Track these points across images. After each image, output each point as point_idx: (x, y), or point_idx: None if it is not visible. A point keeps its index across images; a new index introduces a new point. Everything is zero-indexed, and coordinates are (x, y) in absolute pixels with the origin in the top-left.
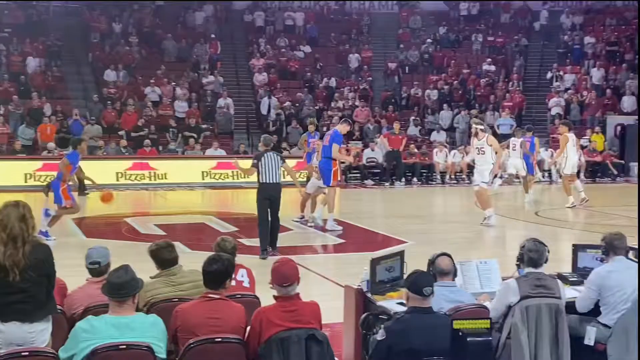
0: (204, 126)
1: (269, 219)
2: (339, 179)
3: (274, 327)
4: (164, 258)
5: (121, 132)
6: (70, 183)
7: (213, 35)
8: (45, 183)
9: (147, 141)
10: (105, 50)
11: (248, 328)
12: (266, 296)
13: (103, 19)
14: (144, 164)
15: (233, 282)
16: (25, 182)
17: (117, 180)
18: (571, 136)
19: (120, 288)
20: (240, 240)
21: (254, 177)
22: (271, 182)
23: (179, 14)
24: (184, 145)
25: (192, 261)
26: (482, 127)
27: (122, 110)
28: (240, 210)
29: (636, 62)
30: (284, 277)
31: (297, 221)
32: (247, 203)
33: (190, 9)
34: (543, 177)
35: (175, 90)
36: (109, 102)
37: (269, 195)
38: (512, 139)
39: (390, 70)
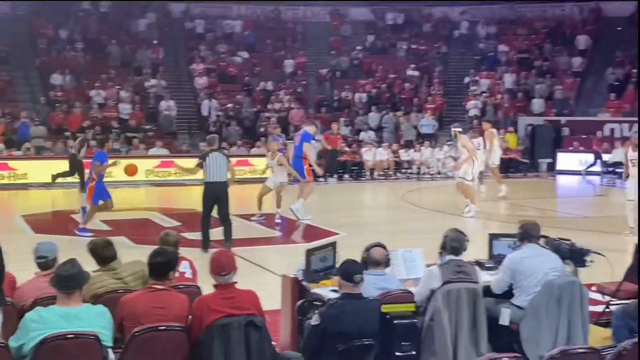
0: (147, 127)
1: (217, 216)
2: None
3: (214, 313)
4: (103, 255)
5: (67, 133)
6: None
7: (155, 42)
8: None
9: (92, 142)
10: (52, 56)
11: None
12: (207, 287)
13: (50, 26)
14: (89, 163)
15: (176, 274)
16: None
17: (65, 178)
18: (494, 131)
19: (67, 280)
20: (183, 234)
21: (199, 175)
22: (216, 180)
23: (122, 21)
24: (128, 145)
25: (136, 255)
26: (459, 130)
27: (68, 113)
28: (182, 206)
29: (544, 68)
30: (222, 266)
31: (255, 220)
32: (189, 199)
33: (134, 17)
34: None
35: (120, 93)
36: (56, 104)
37: (214, 194)
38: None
39: (322, 76)
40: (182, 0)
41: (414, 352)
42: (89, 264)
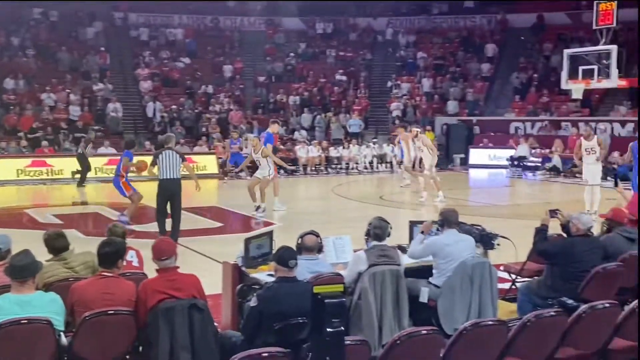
0: (95, 127)
1: (169, 212)
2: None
3: (157, 294)
4: (55, 246)
5: (20, 134)
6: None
7: (102, 48)
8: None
9: (44, 142)
10: (4, 62)
11: None
12: (154, 275)
13: (2, 33)
14: (41, 162)
15: (124, 263)
16: None
17: (18, 176)
18: (408, 134)
19: (21, 270)
20: (130, 226)
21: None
22: (169, 178)
23: (71, 29)
24: (77, 145)
25: (87, 246)
26: (419, 130)
27: (21, 115)
28: (129, 201)
29: (457, 74)
30: (162, 252)
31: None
32: None
33: (82, 25)
34: (386, 167)
35: (69, 96)
36: (10, 107)
37: (167, 191)
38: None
39: (259, 81)
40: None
41: (342, 328)
42: (41, 254)
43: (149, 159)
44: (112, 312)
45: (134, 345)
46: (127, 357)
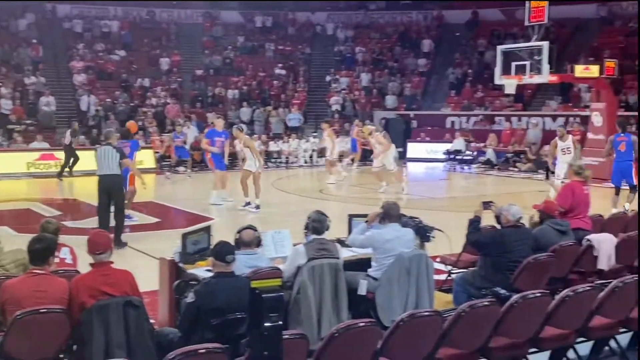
0: (27, 121)
1: (111, 209)
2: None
3: (90, 290)
4: None
5: None
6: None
7: (35, 41)
8: None
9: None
10: None
11: None
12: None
13: None
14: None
15: (57, 260)
16: None
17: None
18: (331, 131)
19: None
20: (64, 222)
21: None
22: (105, 174)
23: (2, 20)
24: (9, 139)
25: (19, 244)
26: (373, 127)
27: None
28: (63, 197)
29: (395, 69)
30: (97, 245)
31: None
32: (70, 190)
33: (14, 16)
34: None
35: (1, 90)
36: None
37: (105, 187)
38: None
39: (197, 75)
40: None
41: (280, 322)
42: None
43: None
44: (44, 310)
45: (67, 344)
46: (61, 356)
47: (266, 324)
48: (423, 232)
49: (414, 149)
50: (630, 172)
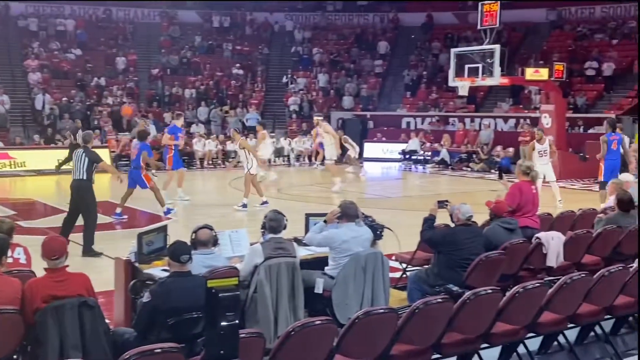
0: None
1: (77, 213)
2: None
3: (45, 297)
4: None
5: None
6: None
7: None
8: None
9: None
10: None
11: None
12: (42, 272)
13: None
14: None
15: (10, 260)
16: None
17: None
18: (265, 132)
19: None
20: (18, 222)
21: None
22: (74, 178)
23: None
24: None
25: None
26: (321, 117)
27: None
28: (18, 196)
29: (352, 69)
30: (52, 250)
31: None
32: (25, 190)
33: None
34: (283, 161)
35: None
36: None
37: (72, 192)
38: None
39: (154, 74)
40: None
41: (237, 321)
42: None
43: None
44: None
45: (22, 345)
46: (15, 357)
47: (223, 323)
48: (374, 230)
49: (371, 148)
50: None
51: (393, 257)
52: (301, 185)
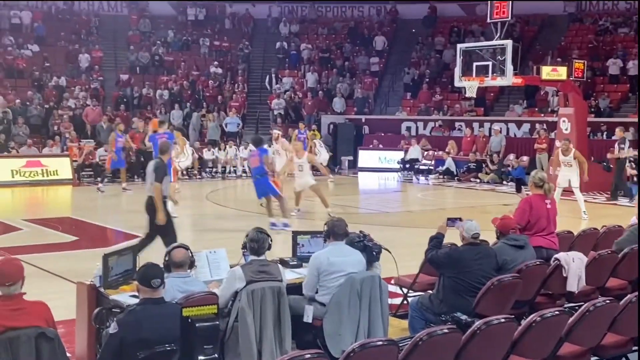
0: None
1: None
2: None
3: None
4: None
5: None
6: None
7: None
8: None
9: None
10: None
11: None
12: None
13: None
14: None
15: None
16: None
17: None
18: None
19: None
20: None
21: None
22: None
23: None
24: None
25: None
26: (280, 133)
27: None
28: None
29: (345, 68)
30: (5, 276)
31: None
32: None
33: None
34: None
35: None
36: None
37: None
38: None
39: (121, 73)
40: None
41: (216, 355)
42: None
43: None
44: None
45: None
46: None
47: (200, 358)
48: (370, 252)
49: (366, 157)
50: None
51: (392, 281)
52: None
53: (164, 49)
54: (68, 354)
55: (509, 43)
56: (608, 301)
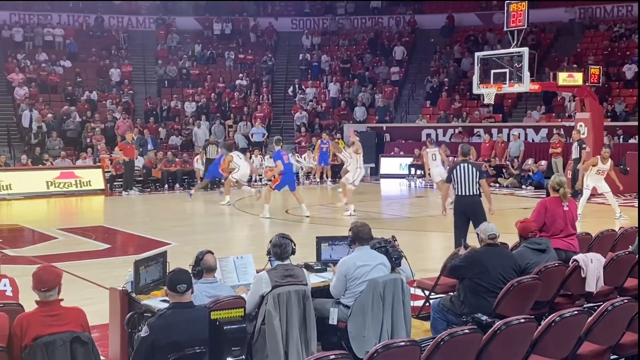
0: None
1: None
2: None
3: (35, 330)
4: None
5: None
6: None
7: None
8: None
9: None
10: None
11: None
12: (33, 305)
13: None
14: None
15: None
16: None
17: None
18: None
19: None
20: (4, 251)
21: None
22: (464, 194)
23: None
24: None
25: None
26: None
27: None
28: (4, 222)
29: (366, 78)
30: (43, 282)
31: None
32: (11, 215)
33: None
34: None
35: None
36: None
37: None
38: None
39: (150, 87)
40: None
41: (243, 357)
42: None
43: None
44: None
45: None
46: None
47: (228, 359)
48: (389, 257)
49: (388, 164)
50: None
51: (414, 284)
52: (311, 206)
53: (191, 62)
54: (102, 357)
55: (525, 50)
56: (626, 300)
